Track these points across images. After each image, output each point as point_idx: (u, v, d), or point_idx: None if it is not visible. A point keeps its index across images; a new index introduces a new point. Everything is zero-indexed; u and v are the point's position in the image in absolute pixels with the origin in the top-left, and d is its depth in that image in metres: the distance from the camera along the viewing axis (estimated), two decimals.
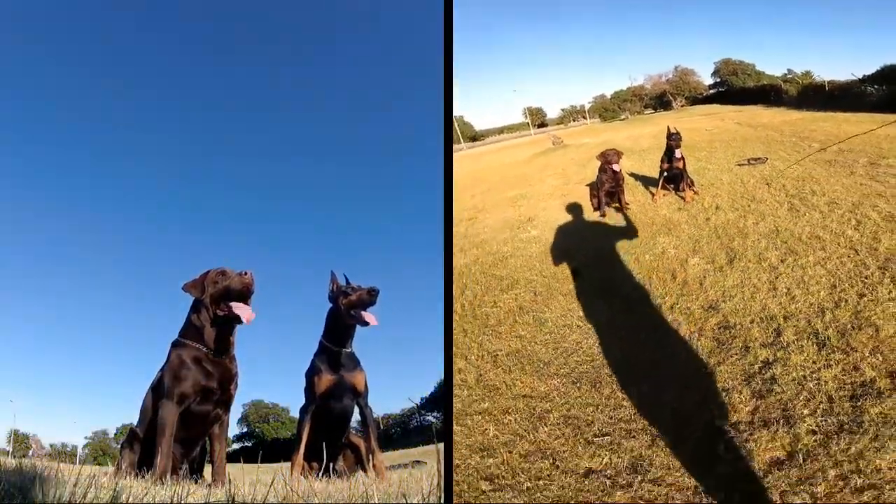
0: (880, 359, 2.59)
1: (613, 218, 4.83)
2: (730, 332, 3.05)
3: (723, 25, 15.22)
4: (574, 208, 5.22)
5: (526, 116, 18.33)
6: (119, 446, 3.60)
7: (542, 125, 18.32)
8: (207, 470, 3.16)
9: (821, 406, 2.43)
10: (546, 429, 2.87)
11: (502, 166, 10.74)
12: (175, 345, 3.04)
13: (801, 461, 2.23)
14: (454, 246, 5.55)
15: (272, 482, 2.51)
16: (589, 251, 4.28)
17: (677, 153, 5.05)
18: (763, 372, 2.71)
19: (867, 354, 2.62)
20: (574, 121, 17.84)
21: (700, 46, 15.67)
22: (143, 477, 2.71)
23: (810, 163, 5.06)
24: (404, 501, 1.99)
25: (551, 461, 2.67)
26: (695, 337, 3.09)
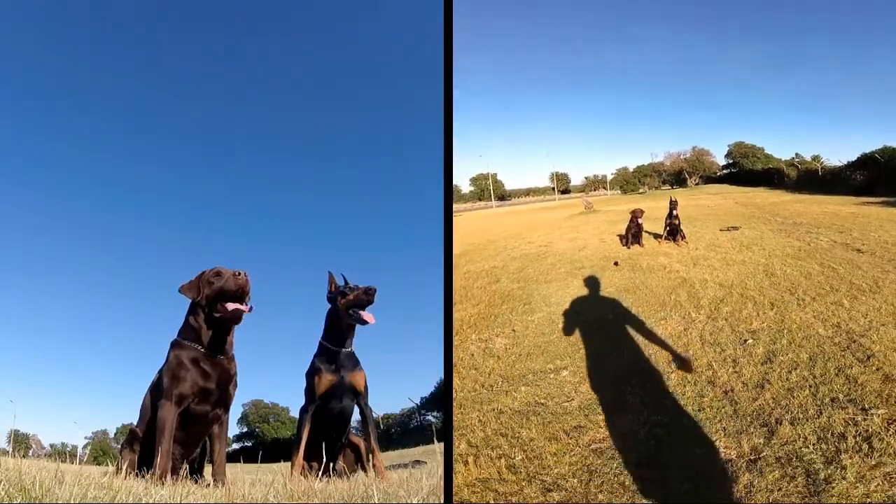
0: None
1: (635, 250, 7.77)
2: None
3: (740, 109, 17.06)
4: (613, 242, 8.36)
5: (552, 181, 19.89)
6: (119, 446, 3.60)
7: (566, 191, 19.84)
8: (207, 470, 3.16)
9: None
10: None
11: (551, 220, 12.96)
12: (174, 345, 3.03)
13: None
14: (506, 255, 8.21)
15: (272, 482, 2.51)
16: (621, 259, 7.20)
17: (675, 213, 7.94)
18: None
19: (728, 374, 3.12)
20: (595, 190, 19.20)
21: (719, 127, 17.50)
22: (143, 477, 2.71)
23: (764, 231, 7.66)
24: (404, 501, 1.98)
25: None
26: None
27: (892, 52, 13.63)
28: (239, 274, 2.96)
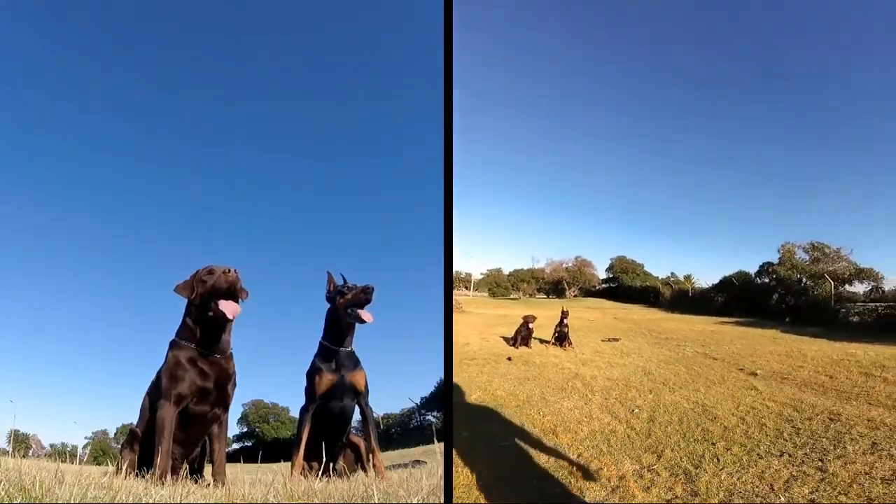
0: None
1: (524, 350, 8.34)
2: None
3: (624, 225, 17.38)
4: (497, 342, 8.88)
5: None
6: (119, 446, 3.59)
7: None
8: (207, 470, 3.16)
9: None
10: None
11: None
12: (172, 345, 3.03)
13: None
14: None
15: (272, 482, 2.51)
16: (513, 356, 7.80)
17: (565, 321, 8.77)
18: None
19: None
20: (456, 289, 17.13)
21: (602, 240, 17.61)
22: (143, 477, 2.71)
23: (641, 343, 8.99)
24: (404, 501, 1.98)
25: None
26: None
27: (752, 177, 14.96)
28: (228, 271, 2.96)
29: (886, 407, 4.58)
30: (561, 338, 8.70)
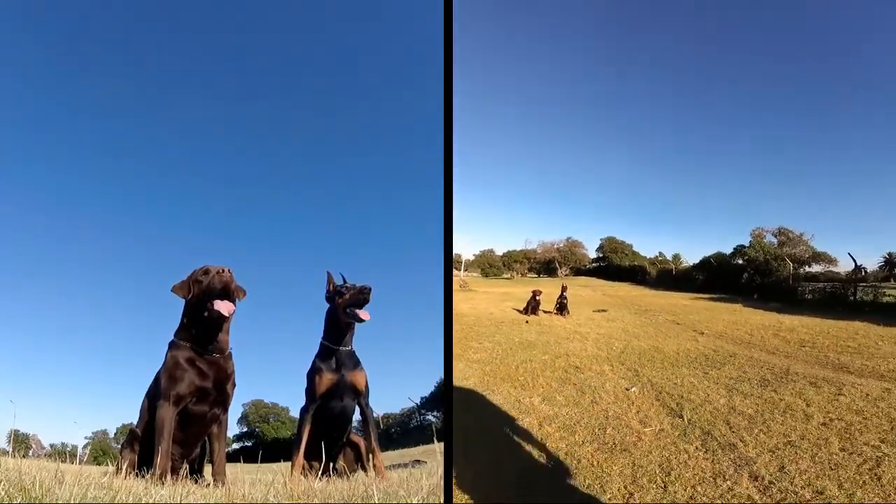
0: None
1: (533, 318, 10.08)
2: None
3: (614, 206, 18.14)
4: (511, 312, 10.75)
5: None
6: (119, 446, 3.59)
7: None
8: (207, 470, 3.16)
9: None
10: None
11: None
12: (170, 346, 3.03)
13: None
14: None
15: (272, 482, 2.51)
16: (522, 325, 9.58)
17: (565, 294, 10.52)
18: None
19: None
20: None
21: (591, 221, 18.53)
22: (143, 477, 2.70)
23: (624, 313, 10.72)
24: (404, 501, 1.99)
25: None
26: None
27: (740, 164, 16.25)
28: (223, 271, 2.97)
29: (767, 351, 6.89)
30: (561, 307, 10.41)
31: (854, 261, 11.68)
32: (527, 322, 9.35)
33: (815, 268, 13.51)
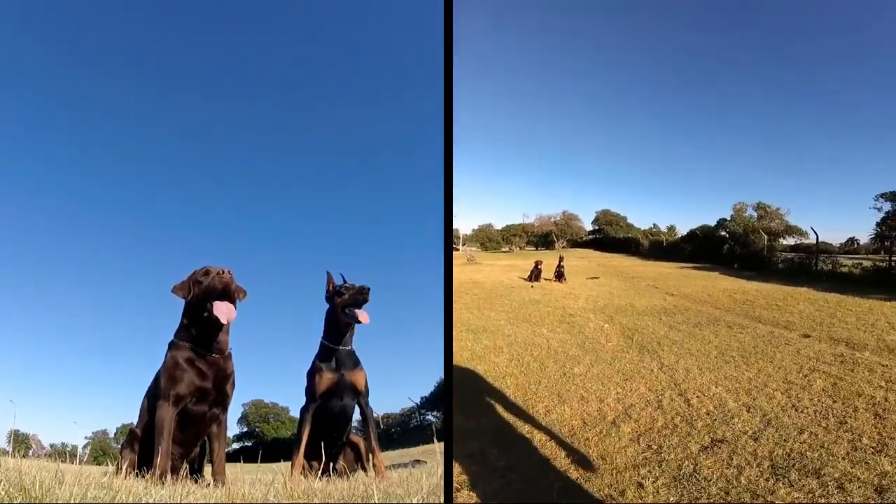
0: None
1: (536, 284, 11.79)
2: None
3: (610, 179, 18.81)
4: (517, 280, 12.46)
5: None
6: (119, 446, 3.59)
7: None
8: (207, 470, 3.16)
9: None
10: None
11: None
12: (170, 346, 3.03)
13: None
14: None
15: (272, 482, 2.51)
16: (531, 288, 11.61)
17: (562, 264, 12.18)
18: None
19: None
20: None
21: (588, 194, 19.19)
22: (143, 477, 2.70)
23: (613, 280, 12.36)
24: (404, 501, 1.99)
25: None
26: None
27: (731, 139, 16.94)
28: (223, 272, 2.97)
29: (715, 307, 8.54)
30: (559, 275, 12.17)
31: (816, 234, 13.14)
32: (532, 287, 11.25)
33: (789, 240, 15.02)
